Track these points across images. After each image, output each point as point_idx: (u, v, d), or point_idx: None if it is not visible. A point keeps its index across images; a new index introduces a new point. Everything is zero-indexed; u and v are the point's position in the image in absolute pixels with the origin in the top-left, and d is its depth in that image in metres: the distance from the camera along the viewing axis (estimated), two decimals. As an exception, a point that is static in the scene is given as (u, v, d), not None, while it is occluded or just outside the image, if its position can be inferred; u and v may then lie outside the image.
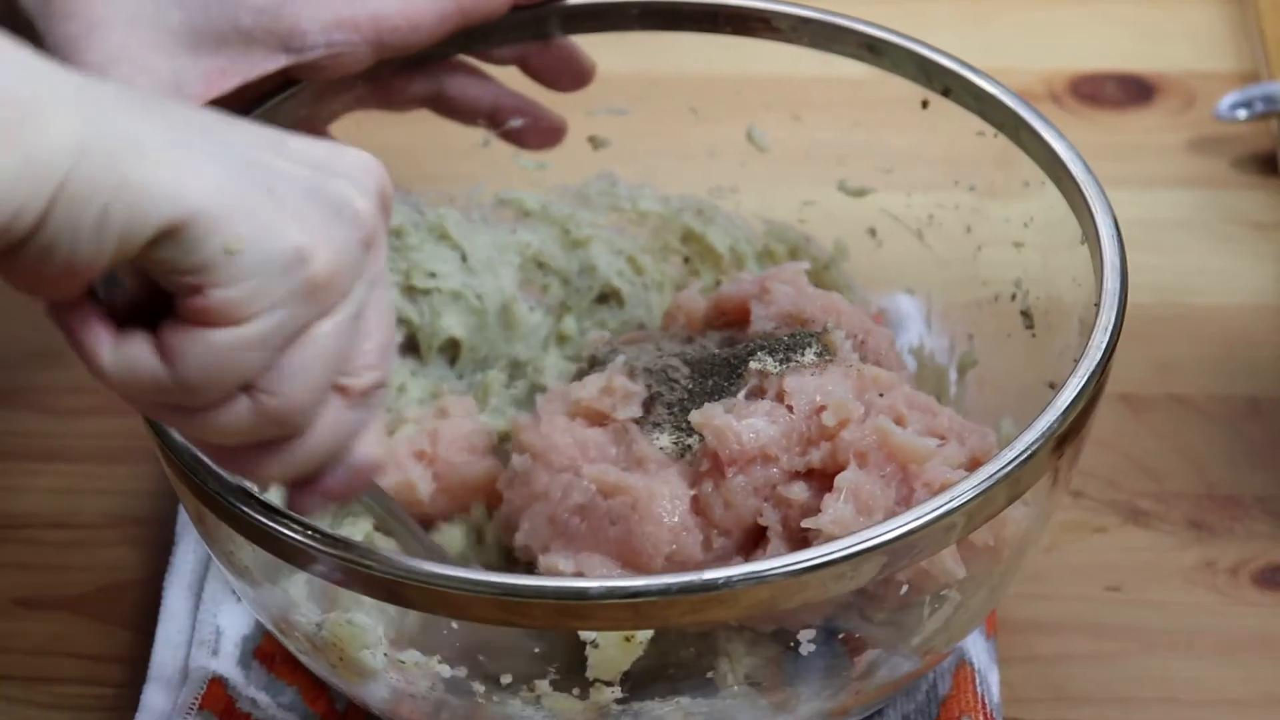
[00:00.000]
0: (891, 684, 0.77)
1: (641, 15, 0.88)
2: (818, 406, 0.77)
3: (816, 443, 0.77)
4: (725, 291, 0.85)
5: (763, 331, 0.82)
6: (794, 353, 0.79)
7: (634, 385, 0.80)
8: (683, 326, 0.86)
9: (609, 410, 0.80)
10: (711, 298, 0.86)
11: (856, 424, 0.76)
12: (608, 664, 0.72)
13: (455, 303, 0.89)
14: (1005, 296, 0.87)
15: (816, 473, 0.77)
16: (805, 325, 0.82)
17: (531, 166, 0.93)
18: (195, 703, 0.82)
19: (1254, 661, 0.86)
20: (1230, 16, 1.16)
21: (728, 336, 0.84)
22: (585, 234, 0.91)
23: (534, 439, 0.80)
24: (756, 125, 0.92)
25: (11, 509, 0.93)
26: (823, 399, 0.77)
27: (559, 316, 0.91)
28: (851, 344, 0.81)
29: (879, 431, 0.76)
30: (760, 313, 0.83)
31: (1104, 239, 0.77)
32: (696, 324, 0.86)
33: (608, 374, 0.81)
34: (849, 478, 0.75)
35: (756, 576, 0.67)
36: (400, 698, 0.76)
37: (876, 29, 0.86)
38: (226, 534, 0.72)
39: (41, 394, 0.97)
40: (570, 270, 0.91)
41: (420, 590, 0.68)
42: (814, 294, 0.83)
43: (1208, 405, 0.96)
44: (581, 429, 0.80)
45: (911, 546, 0.69)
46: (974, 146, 0.85)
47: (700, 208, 0.92)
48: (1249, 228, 1.05)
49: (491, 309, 0.89)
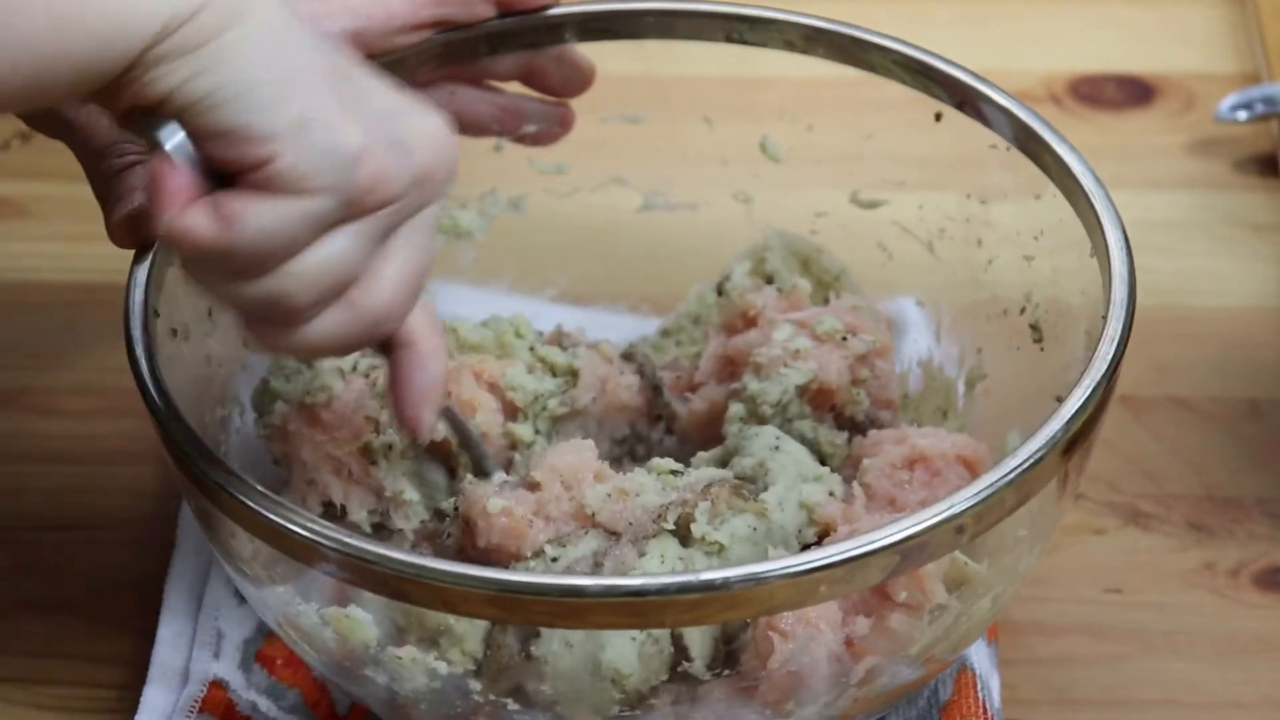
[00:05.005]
0: (893, 692, 0.77)
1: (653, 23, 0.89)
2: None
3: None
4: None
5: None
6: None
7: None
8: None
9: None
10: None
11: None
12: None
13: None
14: (1015, 309, 0.87)
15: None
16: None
17: (549, 170, 0.93)
18: (195, 705, 0.82)
19: (1254, 663, 0.86)
20: (1230, 18, 1.16)
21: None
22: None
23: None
24: (769, 135, 0.92)
25: (12, 510, 0.93)
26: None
27: None
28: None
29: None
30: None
31: (1113, 251, 0.78)
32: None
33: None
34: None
35: (755, 577, 0.68)
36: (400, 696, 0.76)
37: (891, 40, 0.86)
38: (229, 529, 0.73)
39: (42, 395, 0.97)
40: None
41: (419, 585, 0.69)
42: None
43: (1208, 407, 0.96)
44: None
45: (918, 549, 0.69)
46: (986, 159, 0.85)
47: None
48: (1249, 229, 1.05)
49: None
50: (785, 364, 0.83)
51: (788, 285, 0.88)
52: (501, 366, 0.85)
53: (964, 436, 0.81)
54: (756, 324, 0.86)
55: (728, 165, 0.93)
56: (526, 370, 0.86)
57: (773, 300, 0.87)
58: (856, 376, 0.84)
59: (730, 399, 0.85)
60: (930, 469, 0.80)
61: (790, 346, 0.83)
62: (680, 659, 0.75)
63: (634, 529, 0.77)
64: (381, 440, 0.82)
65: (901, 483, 0.80)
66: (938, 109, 0.86)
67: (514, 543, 0.76)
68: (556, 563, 0.76)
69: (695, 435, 0.87)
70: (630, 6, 0.88)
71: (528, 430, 0.85)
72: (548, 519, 0.77)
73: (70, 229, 1.04)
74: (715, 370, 0.87)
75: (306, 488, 0.82)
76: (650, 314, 0.97)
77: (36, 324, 1.01)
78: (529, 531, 0.76)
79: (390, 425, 0.82)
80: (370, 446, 0.82)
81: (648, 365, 0.87)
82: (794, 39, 0.87)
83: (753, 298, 0.87)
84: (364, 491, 0.82)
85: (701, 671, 0.75)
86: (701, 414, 0.86)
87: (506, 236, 0.95)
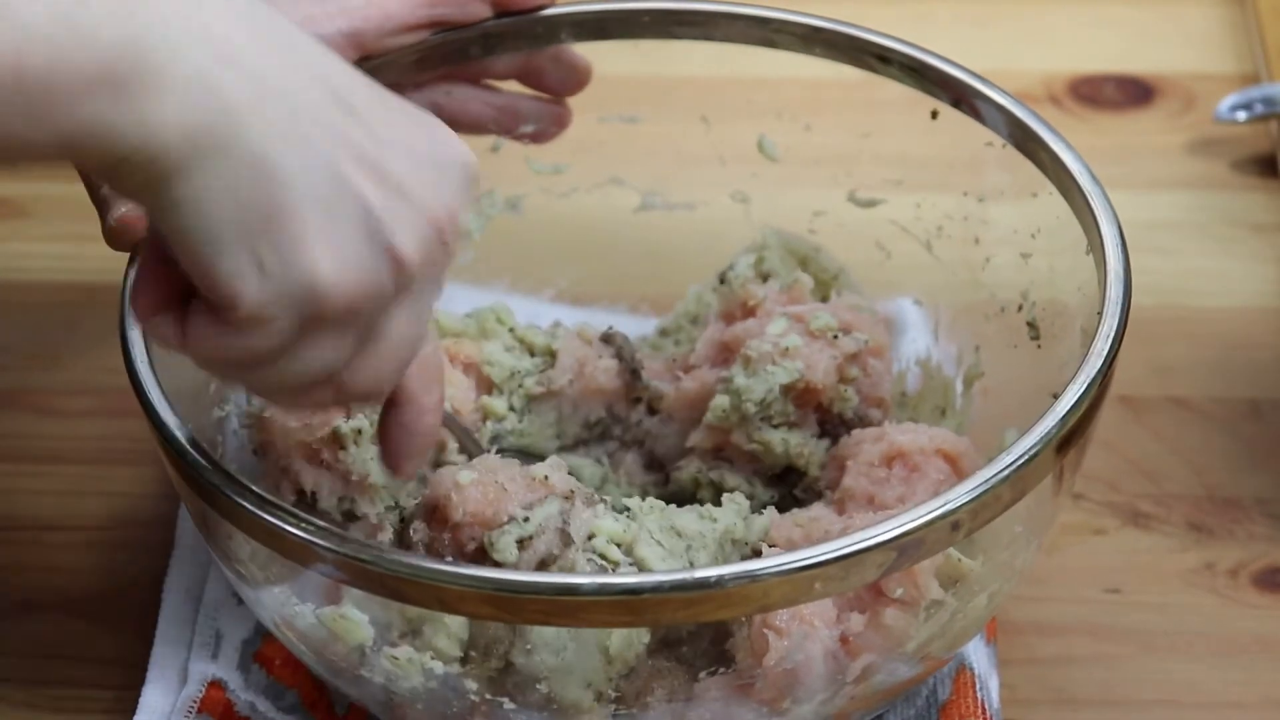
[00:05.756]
0: (890, 690, 0.77)
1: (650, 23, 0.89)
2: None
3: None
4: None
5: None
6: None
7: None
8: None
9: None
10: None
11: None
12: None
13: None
14: (1012, 307, 0.87)
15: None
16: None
17: (547, 170, 0.93)
18: (194, 705, 0.82)
19: (1253, 663, 0.86)
20: (1230, 18, 1.16)
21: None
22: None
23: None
24: (767, 134, 0.92)
25: (11, 511, 0.93)
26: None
27: None
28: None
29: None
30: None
31: (1109, 249, 0.78)
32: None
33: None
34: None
35: (751, 575, 0.68)
36: (396, 696, 0.76)
37: (887, 39, 0.86)
38: (225, 530, 0.73)
39: (41, 396, 0.97)
40: None
41: (415, 585, 0.69)
42: None
43: (1207, 407, 0.96)
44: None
45: (914, 545, 0.69)
46: (983, 157, 0.85)
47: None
48: (1248, 230, 1.05)
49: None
50: (774, 360, 0.83)
51: (789, 281, 0.88)
52: (479, 347, 0.86)
53: (943, 430, 0.82)
54: (755, 314, 0.86)
55: (725, 165, 0.93)
56: (504, 349, 0.86)
57: (774, 293, 0.87)
58: (845, 375, 0.84)
59: (720, 385, 0.85)
60: (909, 464, 0.80)
61: (780, 344, 0.83)
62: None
63: (581, 492, 0.78)
64: (351, 425, 0.82)
65: (880, 480, 0.80)
66: (934, 107, 0.86)
67: (490, 509, 0.77)
68: (529, 523, 0.76)
69: (681, 414, 0.87)
70: (627, 6, 0.89)
71: (501, 404, 0.85)
72: (510, 492, 0.78)
73: (70, 229, 1.04)
74: (711, 355, 0.87)
75: (280, 475, 0.82)
76: (649, 314, 0.97)
77: (36, 324, 1.01)
78: (504, 496, 0.77)
79: (360, 411, 0.82)
80: (339, 431, 0.82)
81: (626, 348, 0.88)
82: (792, 38, 0.87)
83: (754, 288, 0.87)
84: (334, 478, 0.82)
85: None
86: (690, 394, 0.86)
87: (504, 236, 0.95)
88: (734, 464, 0.85)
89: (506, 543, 0.76)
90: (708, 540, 0.78)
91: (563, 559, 0.76)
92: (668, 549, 0.77)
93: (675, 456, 0.87)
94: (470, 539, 0.77)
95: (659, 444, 0.87)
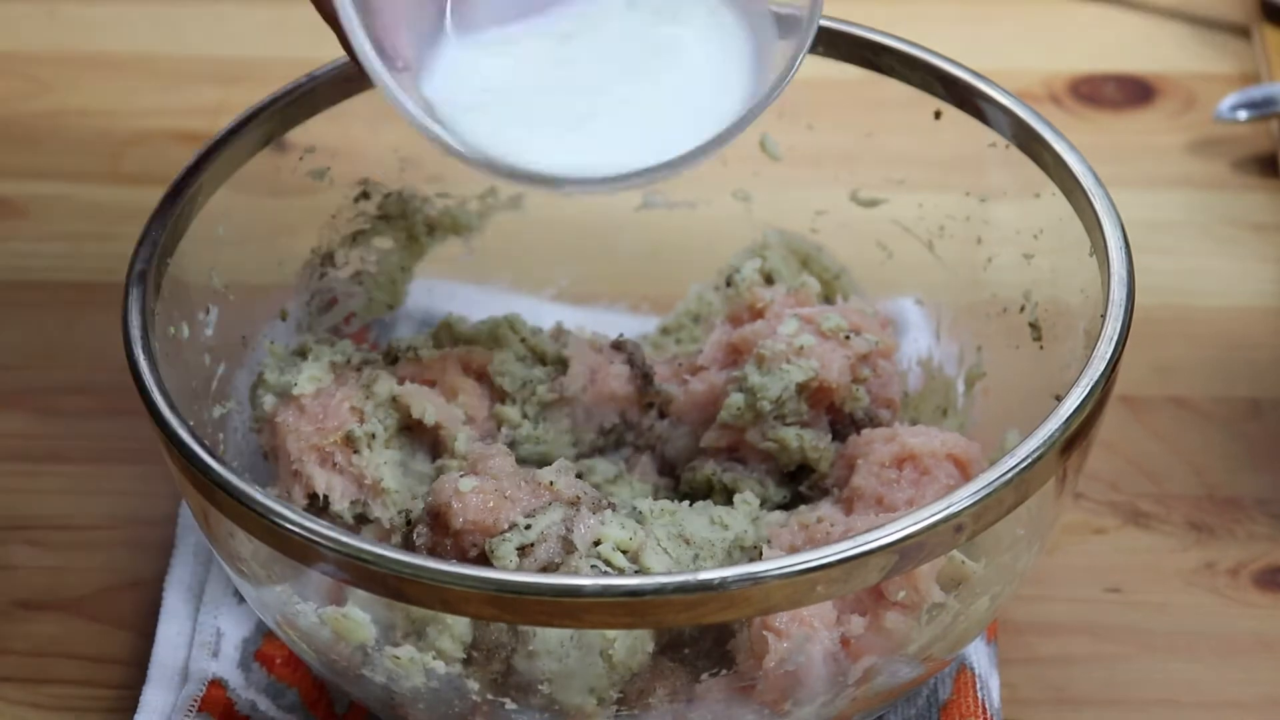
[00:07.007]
0: (891, 691, 0.77)
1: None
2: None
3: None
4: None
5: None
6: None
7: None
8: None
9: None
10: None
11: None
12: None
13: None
14: (1014, 308, 0.87)
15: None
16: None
17: None
18: (195, 704, 0.82)
19: (1254, 663, 0.86)
20: (1230, 18, 1.16)
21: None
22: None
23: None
24: (769, 133, 0.92)
25: (12, 510, 0.93)
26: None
27: None
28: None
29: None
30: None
31: (1112, 250, 0.78)
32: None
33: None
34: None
35: (752, 577, 0.68)
36: (398, 696, 0.76)
37: (890, 39, 0.86)
38: (227, 528, 0.73)
39: (42, 395, 0.97)
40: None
41: (418, 585, 0.69)
42: None
43: (1208, 407, 0.96)
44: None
45: (916, 548, 0.69)
46: (986, 157, 0.85)
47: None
48: (1249, 229, 1.05)
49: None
50: (788, 359, 0.83)
51: (794, 283, 0.88)
52: (490, 356, 0.86)
53: (954, 435, 0.81)
54: (763, 317, 0.86)
55: (727, 164, 0.93)
56: (516, 358, 0.86)
57: (781, 296, 0.87)
58: (857, 375, 0.84)
59: (730, 385, 0.85)
60: (919, 467, 0.80)
61: (795, 342, 0.83)
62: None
63: (589, 498, 0.78)
64: (365, 429, 0.82)
65: (890, 481, 0.80)
66: (937, 107, 0.86)
67: (489, 517, 0.77)
68: (530, 530, 0.76)
69: (691, 416, 0.86)
70: (627, 5, 0.89)
71: (515, 412, 0.85)
72: (512, 499, 0.77)
73: (70, 229, 1.04)
74: (719, 357, 0.87)
75: (292, 479, 0.82)
76: (650, 313, 0.97)
77: (36, 324, 1.01)
78: (504, 503, 0.77)
79: (374, 415, 0.82)
80: (353, 435, 0.82)
81: (637, 354, 0.88)
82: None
83: (761, 291, 0.87)
84: (347, 481, 0.82)
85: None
86: (700, 396, 0.86)
87: (506, 235, 0.94)
88: (747, 463, 0.85)
89: (506, 550, 0.76)
90: (716, 550, 0.78)
91: (565, 567, 0.75)
92: (674, 558, 0.77)
93: (685, 458, 0.86)
94: (472, 545, 0.77)
95: (669, 446, 0.87)
